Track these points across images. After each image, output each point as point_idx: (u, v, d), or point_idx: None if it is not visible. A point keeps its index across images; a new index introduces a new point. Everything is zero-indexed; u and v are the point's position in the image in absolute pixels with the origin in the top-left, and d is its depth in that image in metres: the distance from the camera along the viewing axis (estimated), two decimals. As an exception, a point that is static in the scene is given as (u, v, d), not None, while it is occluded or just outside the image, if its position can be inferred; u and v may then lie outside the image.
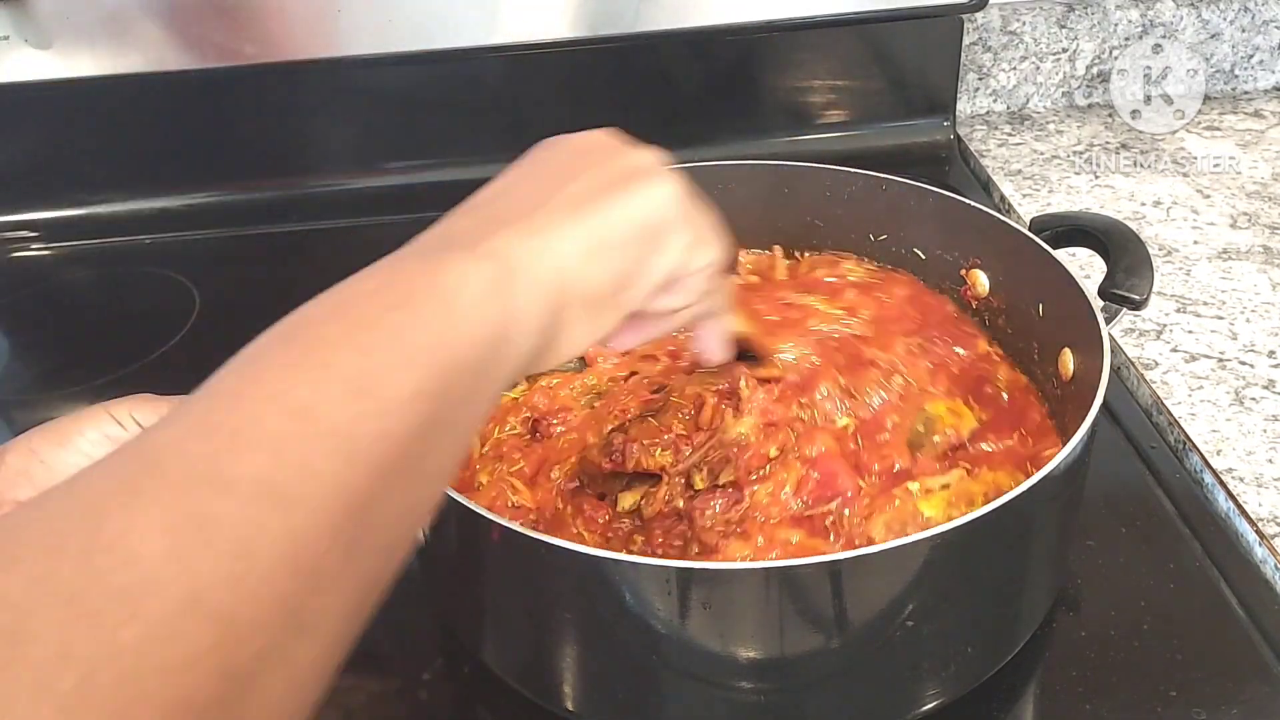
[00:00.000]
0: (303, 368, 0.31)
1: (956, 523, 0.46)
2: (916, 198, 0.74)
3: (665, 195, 0.42)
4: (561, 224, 0.39)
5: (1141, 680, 0.57)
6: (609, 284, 0.40)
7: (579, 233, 0.39)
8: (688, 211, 0.43)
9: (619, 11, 0.97)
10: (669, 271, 0.42)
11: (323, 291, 0.35)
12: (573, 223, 0.39)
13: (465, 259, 0.36)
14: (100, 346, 0.92)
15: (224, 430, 0.28)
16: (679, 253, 0.43)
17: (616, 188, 0.41)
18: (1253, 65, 1.15)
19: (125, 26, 0.94)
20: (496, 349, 0.35)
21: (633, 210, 0.41)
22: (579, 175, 0.41)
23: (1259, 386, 0.75)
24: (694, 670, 0.51)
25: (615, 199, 0.41)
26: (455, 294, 0.34)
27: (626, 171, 0.42)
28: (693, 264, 0.44)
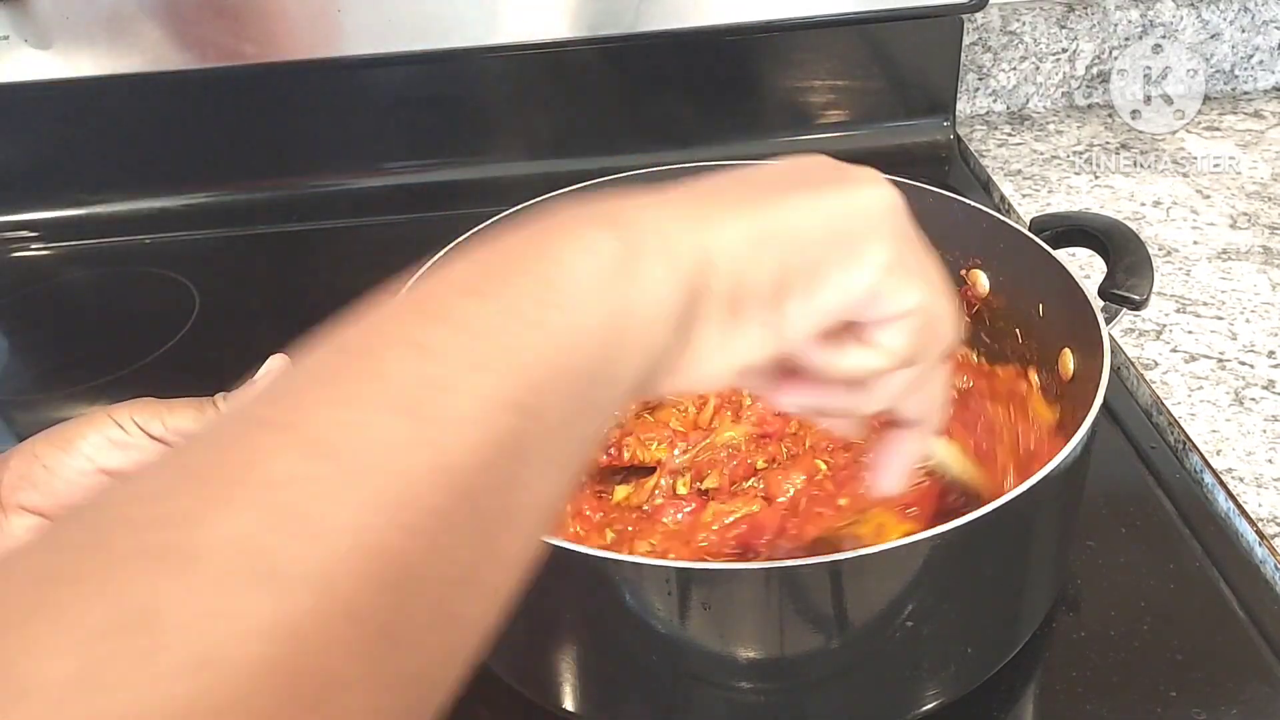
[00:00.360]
0: (340, 380, 0.23)
1: (957, 523, 0.46)
2: (916, 198, 0.73)
3: (881, 199, 0.34)
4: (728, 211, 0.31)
5: (1141, 680, 0.57)
6: (766, 278, 0.31)
7: (750, 218, 0.31)
8: (902, 229, 0.34)
9: (619, 11, 0.97)
10: (854, 293, 0.33)
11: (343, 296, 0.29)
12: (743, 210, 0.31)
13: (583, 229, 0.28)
14: (100, 346, 0.92)
15: (208, 481, 0.20)
16: (873, 272, 0.33)
17: (814, 185, 0.33)
18: (1253, 65, 1.15)
19: (125, 26, 0.94)
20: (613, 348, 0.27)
21: (826, 203, 0.33)
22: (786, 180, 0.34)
23: (1259, 387, 0.75)
24: (694, 670, 0.51)
25: (813, 193, 0.33)
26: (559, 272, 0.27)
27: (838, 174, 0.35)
28: (891, 300, 0.33)
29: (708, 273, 0.30)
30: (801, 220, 0.32)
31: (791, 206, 0.32)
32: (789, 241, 0.32)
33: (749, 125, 1.08)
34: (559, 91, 1.05)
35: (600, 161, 0.97)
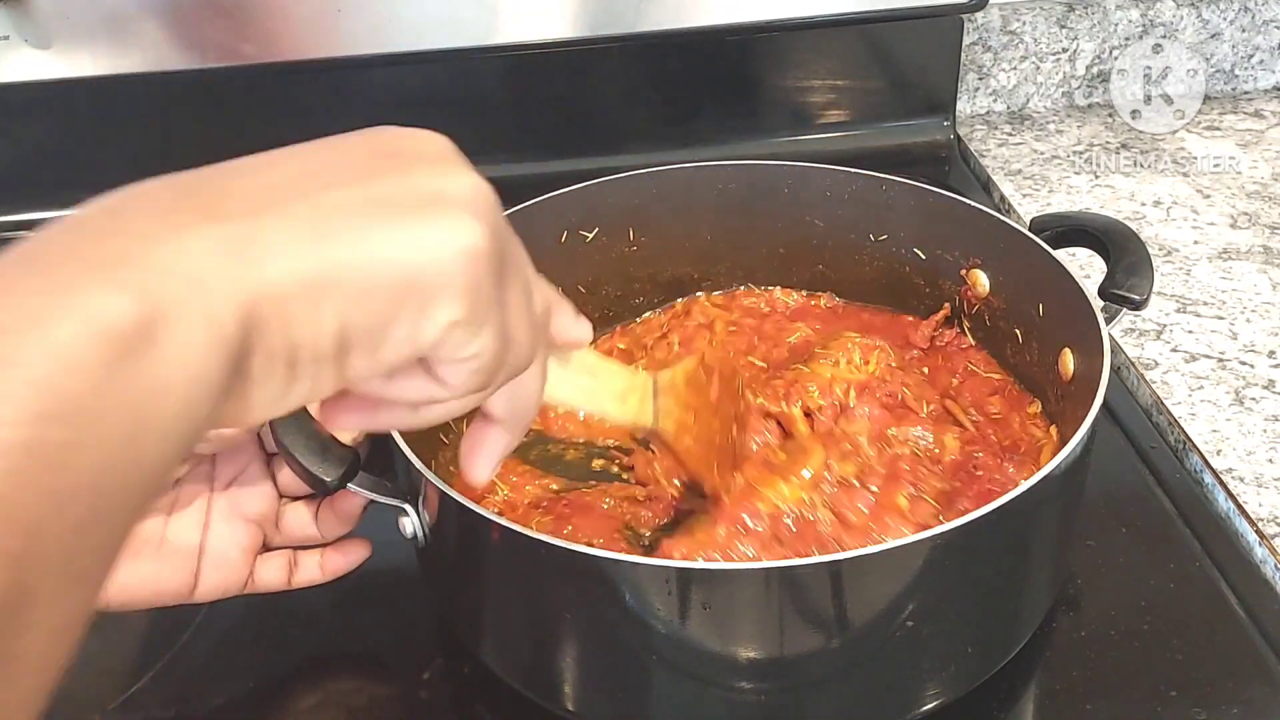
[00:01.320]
0: None
1: (956, 523, 0.46)
2: (916, 198, 0.74)
3: (458, 244, 0.29)
4: (286, 237, 0.27)
5: (1141, 680, 0.57)
6: (326, 341, 0.28)
7: (305, 255, 0.27)
8: (479, 279, 0.30)
9: (619, 11, 0.97)
10: (420, 348, 0.30)
11: None
12: (304, 240, 0.27)
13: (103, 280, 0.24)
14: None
15: None
16: (439, 331, 0.30)
17: (397, 210, 0.29)
18: (1253, 65, 1.15)
19: (125, 26, 0.94)
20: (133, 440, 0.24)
21: (400, 247, 0.28)
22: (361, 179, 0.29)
23: (1259, 386, 0.75)
24: (694, 670, 0.51)
25: (385, 224, 0.28)
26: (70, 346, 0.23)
27: (427, 194, 0.30)
28: (456, 350, 0.31)
29: (256, 331, 0.26)
30: (366, 269, 0.28)
31: (355, 245, 0.28)
32: (351, 294, 0.28)
33: (749, 125, 1.08)
34: (559, 91, 1.05)
35: (600, 161, 0.97)
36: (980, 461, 0.64)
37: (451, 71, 1.03)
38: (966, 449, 0.64)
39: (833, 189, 0.77)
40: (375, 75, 1.02)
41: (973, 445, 0.65)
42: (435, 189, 0.30)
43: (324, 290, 0.27)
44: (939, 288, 0.75)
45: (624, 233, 0.78)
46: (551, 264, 0.75)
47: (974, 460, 0.64)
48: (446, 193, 0.30)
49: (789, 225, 0.79)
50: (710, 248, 0.81)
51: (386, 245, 0.28)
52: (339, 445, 0.51)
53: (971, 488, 0.62)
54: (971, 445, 0.65)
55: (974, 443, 0.66)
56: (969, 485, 0.63)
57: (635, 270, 0.80)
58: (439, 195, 0.30)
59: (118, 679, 0.61)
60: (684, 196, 0.78)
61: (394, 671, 0.61)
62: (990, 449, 0.65)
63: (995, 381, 0.71)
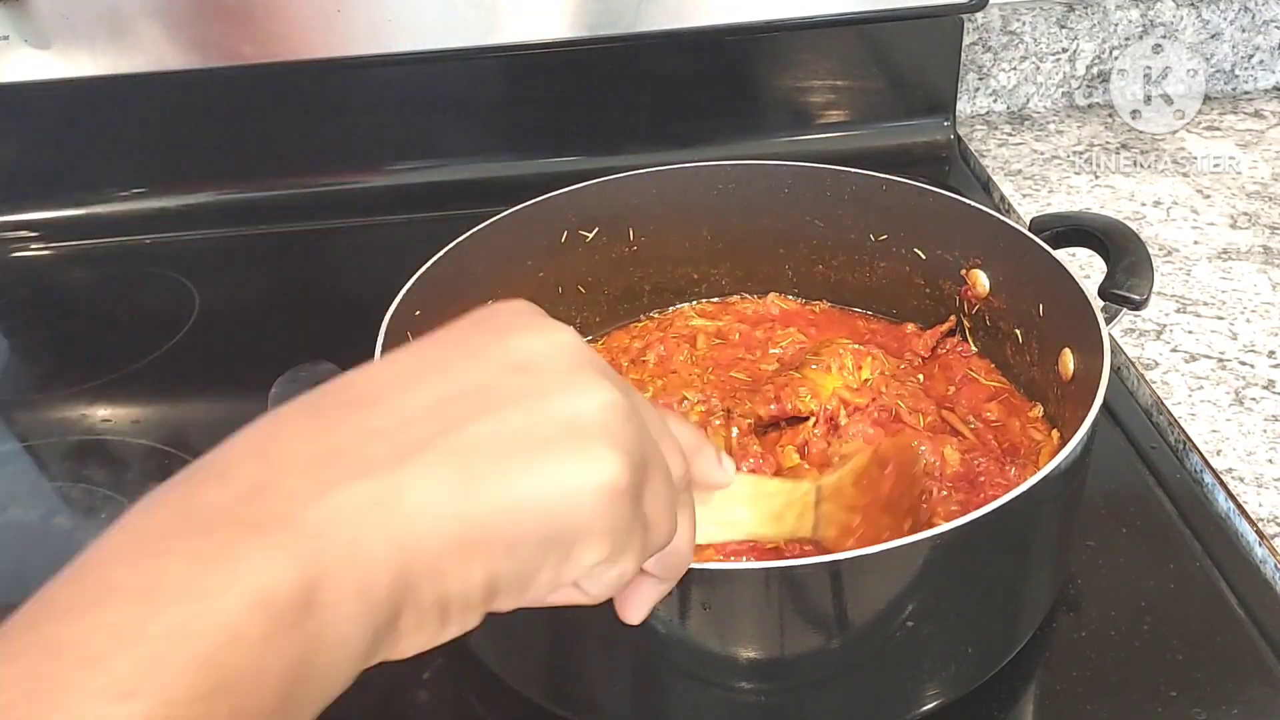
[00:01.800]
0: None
1: (956, 523, 0.46)
2: (916, 198, 0.74)
3: (597, 482, 0.29)
4: (433, 492, 0.27)
5: (1141, 680, 0.57)
6: (476, 593, 0.29)
7: (454, 512, 0.27)
8: (618, 516, 0.30)
9: (619, 11, 0.97)
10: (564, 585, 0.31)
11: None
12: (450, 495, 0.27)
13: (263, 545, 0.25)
14: (100, 346, 0.92)
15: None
16: (586, 569, 0.31)
17: (535, 450, 0.29)
18: (1253, 65, 1.15)
19: (125, 26, 0.94)
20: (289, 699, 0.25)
21: (543, 498, 0.29)
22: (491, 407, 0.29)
23: (1259, 386, 0.75)
24: (694, 670, 0.51)
25: (524, 473, 0.28)
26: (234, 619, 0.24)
27: (563, 423, 0.29)
28: (602, 579, 0.32)
29: (408, 592, 0.27)
30: (511, 523, 0.28)
31: (499, 496, 0.28)
32: (499, 549, 0.28)
33: (749, 125, 1.08)
34: (559, 91, 1.05)
35: (600, 161, 0.97)
36: (983, 468, 0.64)
37: (451, 71, 1.03)
38: (967, 458, 0.64)
39: (833, 189, 0.77)
40: (375, 75, 1.02)
41: (973, 453, 0.65)
42: (570, 416, 0.30)
43: (472, 548, 0.28)
44: (939, 288, 0.75)
45: (624, 233, 0.79)
46: (551, 264, 0.76)
47: (976, 468, 0.64)
48: (581, 421, 0.30)
49: (789, 225, 0.79)
50: (710, 248, 0.81)
51: (528, 495, 0.28)
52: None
53: (977, 497, 0.62)
54: (972, 453, 0.65)
55: (973, 450, 0.66)
56: (974, 495, 0.63)
57: (635, 270, 0.80)
58: (574, 425, 0.29)
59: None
60: (684, 196, 0.78)
61: (394, 671, 0.61)
62: (991, 454, 0.65)
63: (993, 388, 0.71)
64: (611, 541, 0.30)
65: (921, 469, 0.58)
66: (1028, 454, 0.66)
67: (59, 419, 0.83)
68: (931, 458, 0.63)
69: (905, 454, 0.54)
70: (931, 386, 0.72)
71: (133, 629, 0.23)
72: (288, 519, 0.25)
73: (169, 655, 0.23)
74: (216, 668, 0.23)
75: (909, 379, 0.71)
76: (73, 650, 0.23)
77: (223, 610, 0.23)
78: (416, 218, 1.04)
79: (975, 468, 0.64)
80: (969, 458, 0.64)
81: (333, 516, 0.26)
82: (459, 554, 0.27)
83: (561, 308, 0.77)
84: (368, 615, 0.26)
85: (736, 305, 0.82)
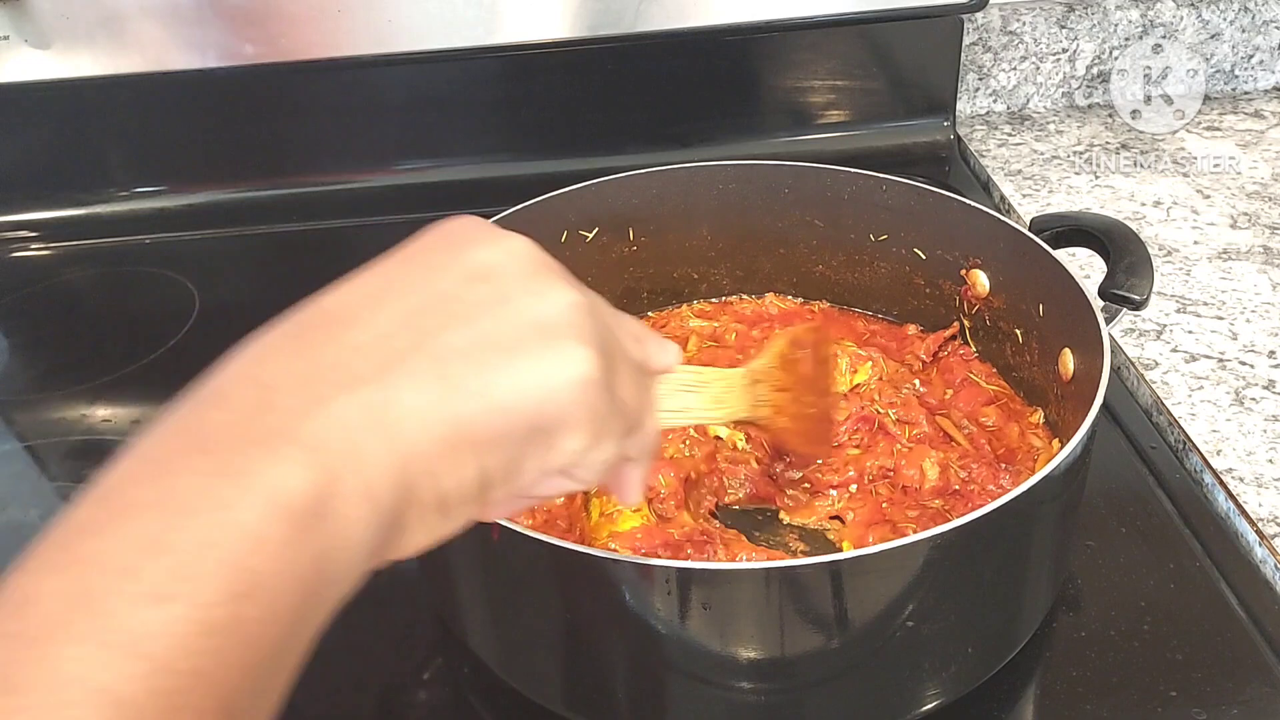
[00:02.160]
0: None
1: (956, 523, 0.46)
2: (916, 198, 0.74)
3: (573, 378, 0.32)
4: (419, 398, 0.29)
5: (1141, 680, 0.57)
6: (470, 486, 0.30)
7: (440, 415, 0.29)
8: (595, 403, 0.32)
9: (619, 11, 0.97)
10: (552, 472, 0.33)
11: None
12: (435, 399, 0.29)
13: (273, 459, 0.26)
14: (100, 346, 0.92)
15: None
16: (570, 455, 0.33)
17: (509, 351, 0.31)
18: (1253, 65, 1.15)
19: (125, 26, 0.94)
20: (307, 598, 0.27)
21: (522, 396, 0.31)
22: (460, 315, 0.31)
23: (1259, 386, 0.75)
24: (694, 670, 0.51)
25: (502, 372, 0.30)
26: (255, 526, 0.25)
27: (531, 325, 0.32)
28: (589, 461, 0.34)
29: (408, 492, 0.29)
30: (498, 415, 0.30)
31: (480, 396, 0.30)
32: (485, 443, 0.30)
33: (749, 125, 1.08)
34: (559, 91, 1.05)
35: (600, 161, 0.97)
36: (973, 474, 0.64)
37: (451, 71, 1.03)
38: (945, 472, 0.64)
39: (833, 189, 0.77)
40: (375, 75, 1.02)
41: (966, 459, 0.65)
42: (537, 318, 0.32)
43: (461, 445, 0.30)
44: (939, 288, 0.75)
45: (624, 233, 0.79)
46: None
47: (957, 479, 0.64)
48: (549, 320, 0.32)
49: (789, 225, 0.79)
50: (710, 248, 0.81)
51: (507, 392, 0.30)
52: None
53: (958, 507, 0.62)
54: (965, 459, 0.65)
55: (966, 456, 0.66)
56: (956, 503, 0.63)
57: (635, 270, 0.80)
58: (542, 324, 0.32)
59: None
60: (684, 196, 0.78)
61: (394, 671, 0.61)
62: (984, 460, 0.65)
63: (993, 392, 0.71)
64: (591, 428, 0.33)
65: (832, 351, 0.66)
66: (1024, 459, 0.66)
67: (59, 419, 0.83)
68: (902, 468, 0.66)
69: (817, 336, 0.58)
70: (929, 391, 0.72)
71: (161, 540, 0.24)
72: (291, 433, 0.27)
73: (198, 562, 0.24)
74: (243, 570, 0.25)
75: (906, 383, 0.71)
76: (108, 562, 0.24)
77: (244, 519, 0.25)
78: (416, 218, 1.03)
79: (951, 480, 0.64)
80: (948, 470, 0.64)
81: (331, 428, 0.27)
82: (450, 452, 0.30)
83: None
84: (375, 516, 0.28)
85: (734, 306, 0.82)
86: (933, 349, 0.74)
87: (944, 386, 0.72)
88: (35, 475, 0.78)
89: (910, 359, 0.74)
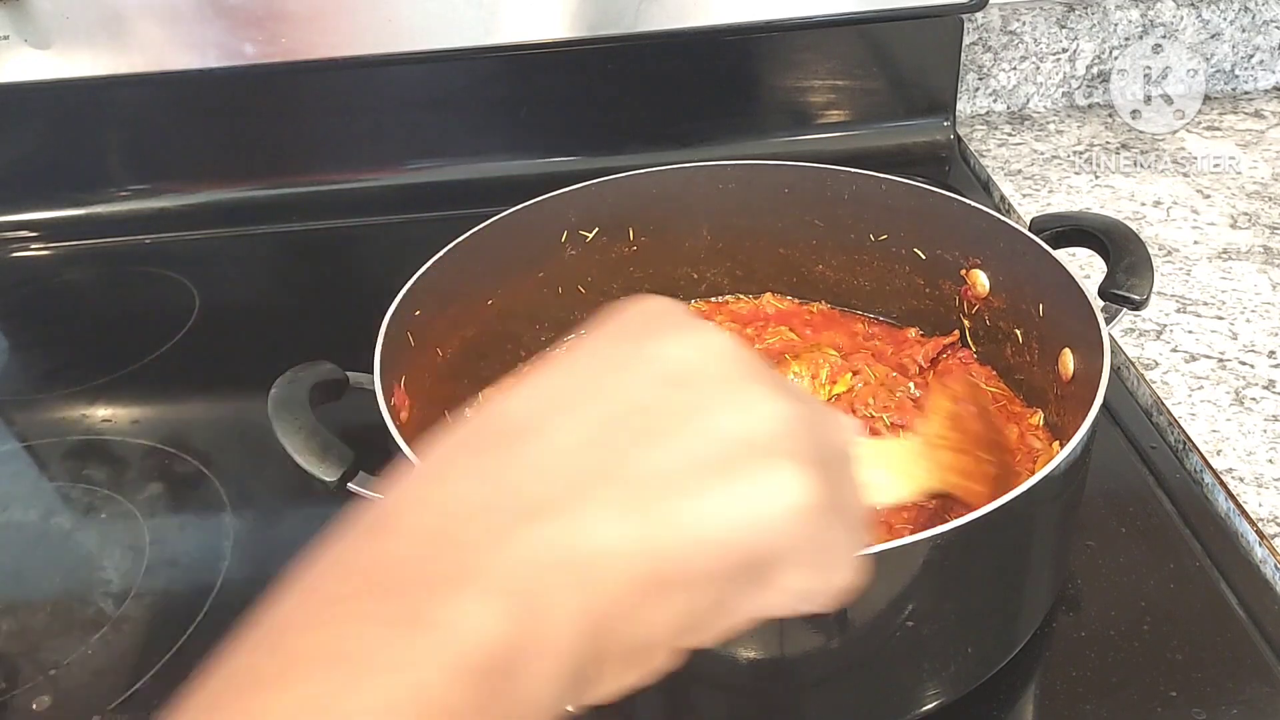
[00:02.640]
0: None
1: (956, 523, 0.46)
2: (916, 198, 0.74)
3: (791, 505, 0.26)
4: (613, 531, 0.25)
5: (1141, 680, 0.57)
6: (669, 633, 0.26)
7: (638, 551, 0.25)
8: (819, 532, 0.27)
9: (619, 11, 0.97)
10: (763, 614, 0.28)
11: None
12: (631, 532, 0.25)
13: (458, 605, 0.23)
14: (100, 346, 0.92)
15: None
16: (785, 596, 0.28)
17: (715, 475, 0.26)
18: (1253, 65, 1.15)
19: (125, 26, 0.94)
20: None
21: (733, 528, 0.26)
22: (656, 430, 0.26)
23: (1259, 386, 0.75)
24: (694, 670, 0.51)
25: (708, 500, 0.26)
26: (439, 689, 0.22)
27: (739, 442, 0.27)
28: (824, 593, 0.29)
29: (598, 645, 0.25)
30: (699, 558, 0.26)
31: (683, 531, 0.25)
32: (692, 586, 0.26)
33: (749, 125, 1.08)
34: (559, 91, 1.05)
35: (600, 161, 0.97)
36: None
37: (451, 71, 1.03)
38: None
39: (832, 189, 0.77)
40: (375, 75, 1.02)
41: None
42: (744, 433, 0.27)
43: (662, 586, 0.25)
44: (939, 288, 0.75)
45: (624, 233, 0.78)
46: (551, 264, 0.76)
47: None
48: (758, 437, 0.27)
49: (789, 225, 0.79)
50: (710, 248, 0.81)
51: (715, 524, 0.26)
52: (339, 445, 0.51)
53: (955, 507, 0.61)
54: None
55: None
56: (953, 504, 0.62)
57: (635, 270, 0.80)
58: (751, 443, 0.27)
59: (118, 679, 0.61)
60: (684, 196, 0.78)
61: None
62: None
63: (991, 395, 0.71)
64: (814, 560, 0.28)
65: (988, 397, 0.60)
66: (1024, 461, 0.66)
67: (59, 419, 0.83)
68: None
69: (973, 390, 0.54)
70: (925, 396, 0.71)
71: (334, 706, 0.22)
72: (476, 571, 0.24)
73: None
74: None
75: (900, 387, 0.70)
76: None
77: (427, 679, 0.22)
78: (416, 218, 1.04)
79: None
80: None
81: (517, 566, 0.24)
82: (649, 595, 0.25)
83: (562, 308, 0.77)
84: (562, 671, 0.24)
85: (730, 305, 0.82)
86: (931, 354, 0.74)
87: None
88: (35, 475, 0.78)
89: (908, 362, 0.74)
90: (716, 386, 0.28)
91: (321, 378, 0.58)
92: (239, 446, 0.77)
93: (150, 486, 0.75)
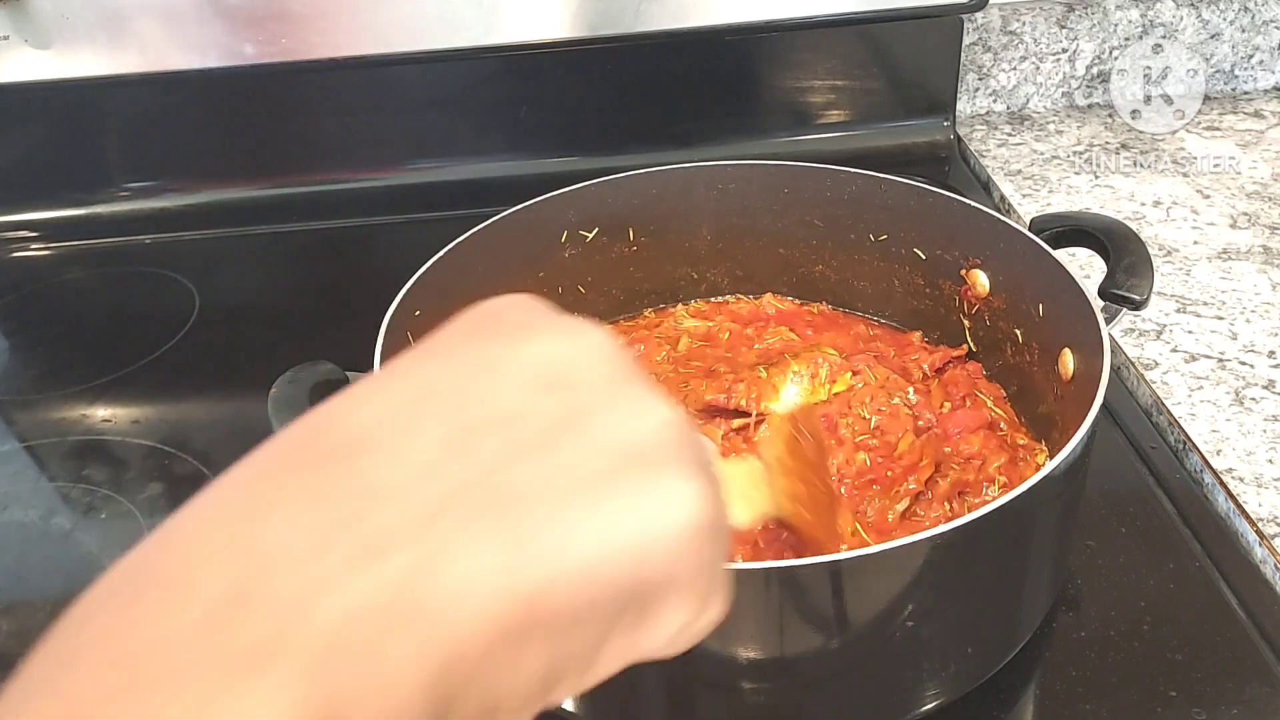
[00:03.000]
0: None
1: (956, 523, 0.46)
2: (916, 198, 0.74)
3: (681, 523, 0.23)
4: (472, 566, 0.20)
5: (1141, 680, 0.57)
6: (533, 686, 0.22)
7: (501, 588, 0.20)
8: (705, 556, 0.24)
9: (619, 11, 0.97)
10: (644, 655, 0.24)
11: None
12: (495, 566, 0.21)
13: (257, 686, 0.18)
14: (100, 346, 0.92)
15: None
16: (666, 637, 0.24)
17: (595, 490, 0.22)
18: (1253, 65, 1.15)
19: (125, 26, 0.94)
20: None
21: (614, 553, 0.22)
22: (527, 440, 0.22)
23: (1259, 386, 0.75)
24: (694, 670, 0.51)
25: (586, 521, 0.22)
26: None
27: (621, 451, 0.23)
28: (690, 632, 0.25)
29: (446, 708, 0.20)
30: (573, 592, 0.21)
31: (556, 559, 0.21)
32: (559, 627, 0.21)
33: (749, 125, 1.08)
34: (559, 91, 1.05)
35: (600, 161, 0.97)
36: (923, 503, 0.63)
37: (452, 71, 1.03)
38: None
39: (832, 189, 0.77)
40: (375, 75, 1.02)
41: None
42: (625, 442, 0.23)
43: (526, 631, 0.21)
44: (939, 288, 0.75)
45: (624, 233, 0.79)
46: (551, 264, 0.76)
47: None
48: (641, 446, 0.23)
49: (789, 225, 0.79)
50: (710, 248, 0.81)
51: (594, 549, 0.21)
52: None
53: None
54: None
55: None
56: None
57: (635, 270, 0.80)
58: (633, 453, 0.23)
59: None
60: (684, 196, 0.78)
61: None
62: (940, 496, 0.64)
63: (991, 417, 0.69)
64: (696, 590, 0.24)
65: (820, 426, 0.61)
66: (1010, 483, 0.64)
67: (59, 419, 0.83)
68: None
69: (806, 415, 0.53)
70: (923, 401, 0.69)
71: None
72: (284, 644, 0.19)
73: None
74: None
75: (898, 392, 0.69)
76: None
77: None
78: (416, 218, 1.04)
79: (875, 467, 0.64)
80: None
81: (344, 626, 0.19)
82: (510, 643, 0.21)
83: (562, 308, 0.77)
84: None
85: (730, 305, 0.82)
86: (938, 364, 0.73)
87: (943, 399, 0.71)
88: (35, 475, 0.78)
89: (911, 366, 0.73)
90: (596, 390, 0.24)
91: (321, 378, 0.58)
92: (239, 447, 0.77)
93: (150, 486, 0.75)
